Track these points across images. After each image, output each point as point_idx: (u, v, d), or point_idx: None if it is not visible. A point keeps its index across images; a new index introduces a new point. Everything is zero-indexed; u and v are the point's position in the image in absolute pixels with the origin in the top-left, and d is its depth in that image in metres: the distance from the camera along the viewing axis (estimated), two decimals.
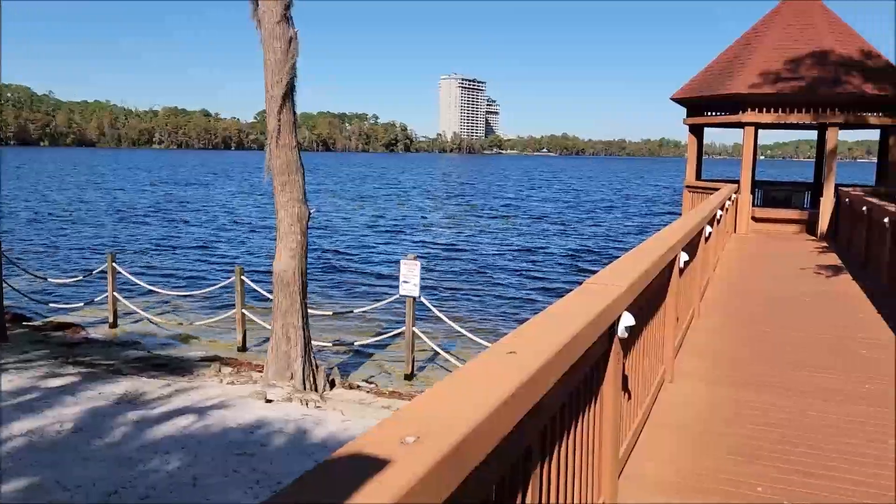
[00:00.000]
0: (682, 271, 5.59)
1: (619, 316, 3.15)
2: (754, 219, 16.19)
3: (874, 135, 17.42)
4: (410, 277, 10.44)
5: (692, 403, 4.81)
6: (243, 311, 12.21)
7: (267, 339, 10.23)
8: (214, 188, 62.35)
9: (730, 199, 13.13)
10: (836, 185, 15.67)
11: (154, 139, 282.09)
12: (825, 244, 14.23)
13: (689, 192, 17.57)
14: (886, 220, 9.20)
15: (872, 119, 15.45)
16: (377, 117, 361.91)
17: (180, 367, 10.57)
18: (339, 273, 20.93)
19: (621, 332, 3.16)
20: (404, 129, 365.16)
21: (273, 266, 9.65)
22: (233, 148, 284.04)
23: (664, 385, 5.11)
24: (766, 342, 6.58)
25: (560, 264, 23.63)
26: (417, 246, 26.65)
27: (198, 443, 7.25)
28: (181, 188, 61.16)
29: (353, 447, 1.31)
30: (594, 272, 3.60)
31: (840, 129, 15.89)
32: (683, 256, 5.23)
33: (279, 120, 9.25)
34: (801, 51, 15.54)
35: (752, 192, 16.84)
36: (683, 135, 18.30)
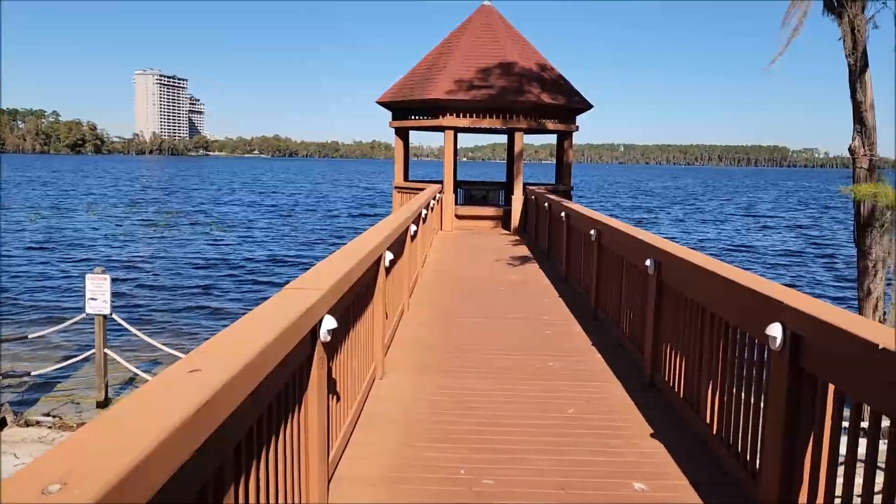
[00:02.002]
0: (388, 270, 5.67)
1: (321, 319, 3.03)
2: (457, 216, 17.36)
3: (554, 139, 19.75)
4: (99, 294, 9.30)
5: (401, 396, 4.90)
6: None
7: None
8: None
9: (434, 198, 13.89)
10: (525, 184, 17.47)
11: None
12: (517, 238, 15.77)
13: (398, 192, 18.29)
14: (563, 213, 10.41)
15: (550, 125, 17.51)
16: (58, 114, 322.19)
17: None
18: (10, 294, 18.02)
19: (324, 335, 3.05)
20: (93, 128, 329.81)
21: None
22: None
23: (375, 381, 5.14)
24: (468, 330, 6.99)
25: (263, 270, 23.03)
26: (105, 259, 24.03)
27: None
28: None
29: None
30: (296, 277, 3.44)
31: (525, 133, 17.75)
32: (389, 255, 5.30)
33: None
34: (489, 62, 17.04)
35: (455, 192, 18.05)
36: (393, 137, 18.96)
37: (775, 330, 3.06)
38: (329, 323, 3.07)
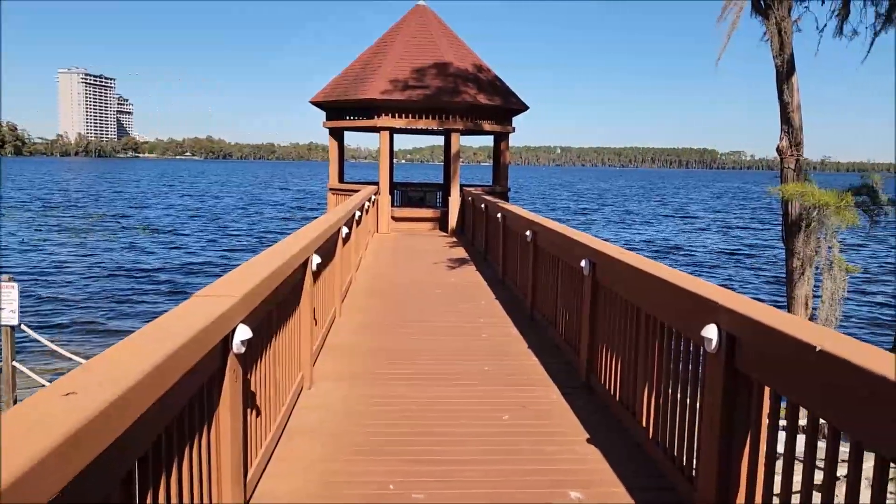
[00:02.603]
0: (317, 274, 5.43)
1: (234, 329, 2.80)
2: (394, 218, 17.15)
3: (492, 140, 19.70)
4: (6, 303, 8.71)
5: (329, 406, 4.67)
6: None
7: None
8: None
9: (370, 199, 13.64)
10: (462, 186, 17.37)
11: None
12: (455, 239, 15.65)
13: (333, 194, 17.96)
14: (499, 215, 10.33)
15: (486, 126, 17.46)
16: None
17: None
18: None
19: (237, 346, 2.82)
20: (13, 128, 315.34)
21: None
22: None
23: (303, 391, 4.89)
24: (402, 335, 6.80)
25: (188, 277, 22.00)
26: (18, 266, 22.49)
27: None
28: None
29: None
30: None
31: (461, 134, 17.66)
32: (316, 259, 5.06)
33: None
34: (425, 62, 16.88)
35: (392, 193, 17.82)
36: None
37: (711, 331, 2.98)
38: (243, 333, 2.84)
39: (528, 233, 7.81)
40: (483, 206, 12.66)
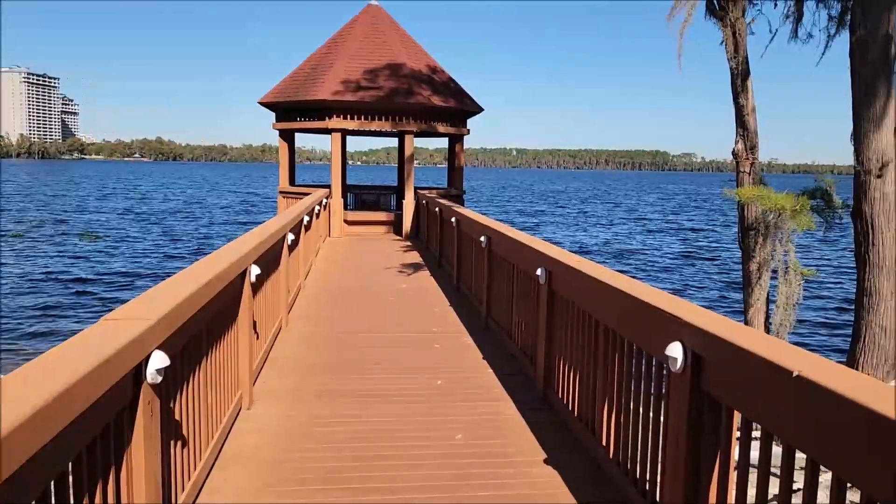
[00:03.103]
0: (257, 285, 5.10)
1: (148, 357, 2.47)
2: (347, 222, 16.76)
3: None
4: None
5: (269, 429, 4.34)
6: None
7: None
8: None
9: (321, 203, 13.25)
10: (417, 188, 17.08)
11: None
12: (409, 244, 15.35)
13: (284, 197, 17.50)
14: (454, 219, 10.08)
15: (441, 128, 17.20)
16: None
17: None
18: None
19: (152, 377, 2.48)
20: None
21: None
22: None
23: (241, 412, 4.55)
24: (352, 347, 6.49)
25: (124, 287, 20.53)
26: None
27: None
28: None
29: None
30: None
31: (415, 136, 17.38)
32: (256, 270, 4.72)
33: None
34: (378, 62, 16.55)
35: (344, 196, 17.43)
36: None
37: (675, 350, 2.76)
38: (159, 361, 2.51)
39: (482, 238, 7.57)
40: (437, 209, 12.40)
